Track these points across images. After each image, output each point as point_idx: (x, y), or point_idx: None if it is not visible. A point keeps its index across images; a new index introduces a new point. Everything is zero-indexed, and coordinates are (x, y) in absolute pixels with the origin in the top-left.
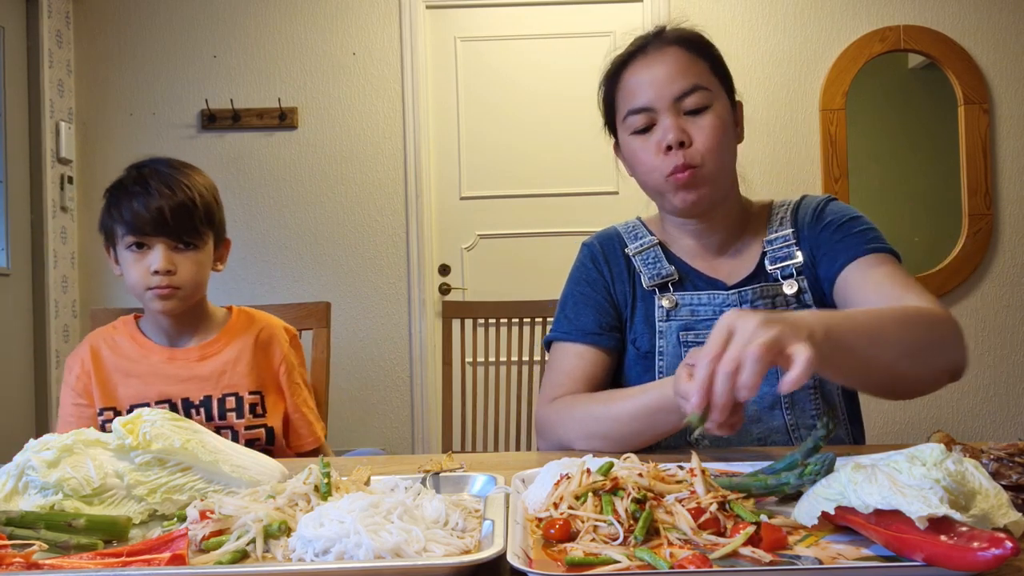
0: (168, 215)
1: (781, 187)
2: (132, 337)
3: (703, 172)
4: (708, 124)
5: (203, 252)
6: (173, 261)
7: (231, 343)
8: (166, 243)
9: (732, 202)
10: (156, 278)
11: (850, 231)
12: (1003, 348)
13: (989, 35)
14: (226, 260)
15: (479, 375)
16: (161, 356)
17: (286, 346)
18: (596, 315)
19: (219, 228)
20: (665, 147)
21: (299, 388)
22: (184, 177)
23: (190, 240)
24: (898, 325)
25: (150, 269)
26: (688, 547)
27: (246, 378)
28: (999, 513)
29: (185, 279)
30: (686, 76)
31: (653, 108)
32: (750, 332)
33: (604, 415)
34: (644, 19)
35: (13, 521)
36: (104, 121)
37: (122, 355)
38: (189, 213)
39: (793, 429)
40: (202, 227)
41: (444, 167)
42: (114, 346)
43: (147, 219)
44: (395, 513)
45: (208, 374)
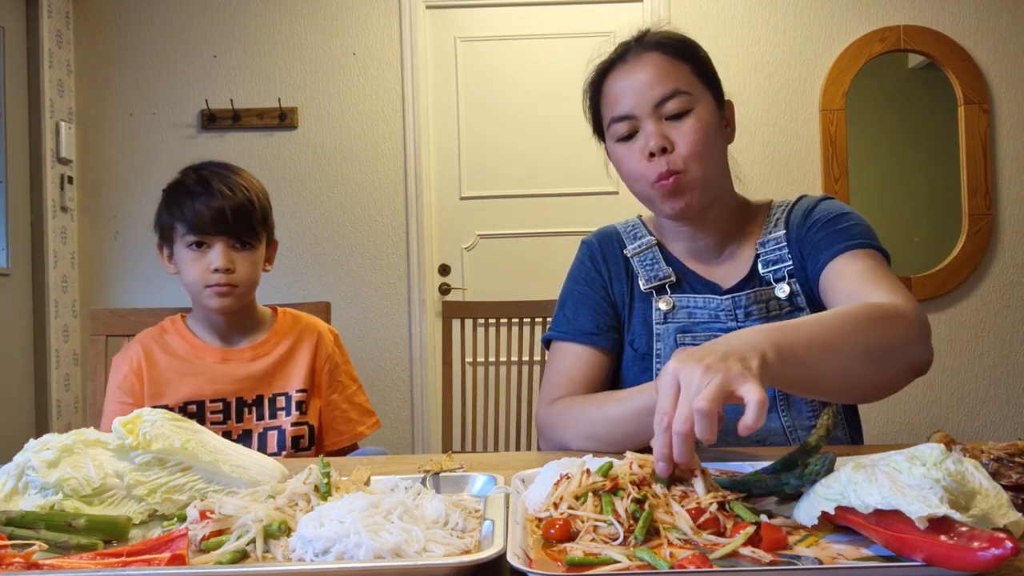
0: (229, 215)
1: (781, 187)
2: (184, 337)
3: (687, 177)
4: (689, 128)
5: (258, 252)
6: (232, 260)
7: (280, 343)
8: (226, 242)
9: (725, 203)
10: (216, 276)
11: (834, 228)
12: (1003, 348)
13: (989, 35)
14: (274, 261)
15: (479, 375)
16: (215, 356)
17: (330, 346)
18: (594, 315)
19: (271, 229)
20: (647, 154)
21: (343, 385)
22: (242, 179)
23: (248, 240)
24: (853, 328)
25: (210, 267)
26: (688, 547)
27: (294, 377)
28: (999, 513)
29: (242, 278)
30: (665, 81)
31: (635, 115)
32: (696, 384)
33: (599, 417)
34: (644, 19)
35: (13, 521)
36: (104, 121)
37: (175, 355)
38: (248, 213)
39: (790, 431)
40: (259, 227)
41: (444, 167)
42: (167, 346)
43: (208, 218)
44: (395, 513)
45: (261, 374)
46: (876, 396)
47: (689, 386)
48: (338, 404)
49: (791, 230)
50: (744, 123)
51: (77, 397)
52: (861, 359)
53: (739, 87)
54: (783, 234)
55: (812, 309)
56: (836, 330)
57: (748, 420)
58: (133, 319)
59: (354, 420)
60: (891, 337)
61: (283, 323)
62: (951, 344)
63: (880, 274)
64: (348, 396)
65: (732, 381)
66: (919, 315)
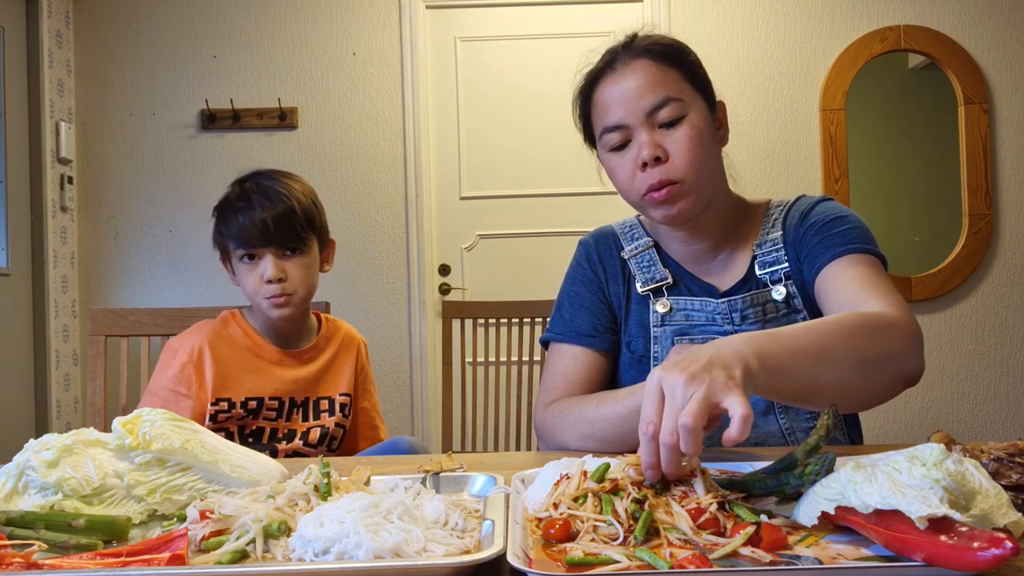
0: (271, 225)
1: (781, 187)
2: (246, 333)
3: (683, 188)
4: (683, 136)
5: (310, 256)
6: (283, 268)
7: (326, 349)
8: (274, 252)
9: (721, 205)
10: (270, 287)
11: (830, 231)
12: (1003, 348)
13: (989, 35)
14: (332, 260)
15: (479, 375)
16: (273, 356)
17: (364, 355)
18: (591, 316)
19: (322, 230)
20: (641, 164)
21: (370, 394)
22: (282, 187)
23: (295, 246)
24: (843, 338)
25: (263, 278)
26: (688, 547)
27: (338, 382)
28: (999, 513)
29: (296, 284)
30: (656, 89)
31: (626, 125)
32: (680, 396)
33: (595, 417)
34: (644, 19)
35: (13, 521)
36: (104, 121)
37: (238, 350)
38: (290, 221)
39: (788, 433)
40: (304, 232)
41: (444, 167)
42: (230, 340)
43: (253, 232)
44: (395, 513)
45: (311, 377)
46: (865, 406)
47: (673, 397)
48: (368, 411)
49: (788, 231)
50: (744, 123)
51: (77, 397)
52: (850, 369)
53: (739, 87)
54: (780, 235)
55: (809, 311)
56: (825, 339)
57: (733, 434)
58: (133, 319)
59: (378, 426)
60: (882, 347)
61: (328, 330)
62: (951, 344)
63: (875, 281)
64: (374, 403)
65: (716, 393)
66: (912, 325)
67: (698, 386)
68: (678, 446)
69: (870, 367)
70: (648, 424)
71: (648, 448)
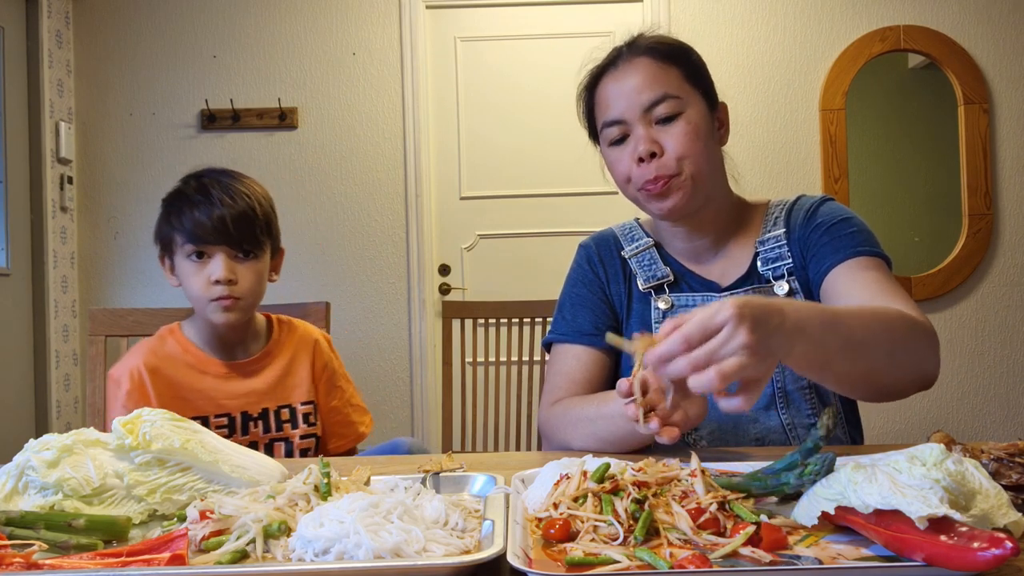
0: (230, 224)
1: (781, 187)
2: (185, 349)
3: (679, 180)
4: (679, 131)
5: (262, 262)
6: (234, 271)
7: (280, 354)
8: (227, 252)
9: (719, 204)
10: (218, 288)
11: (839, 233)
12: (1003, 348)
13: (989, 35)
14: (280, 270)
15: (479, 375)
16: (219, 370)
17: (327, 352)
18: (593, 316)
19: (276, 237)
20: (637, 158)
21: (341, 390)
22: (244, 186)
23: (250, 249)
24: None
25: (211, 279)
26: (688, 547)
27: (297, 389)
28: (999, 513)
29: (246, 289)
30: (654, 86)
31: (625, 120)
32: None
33: (597, 415)
34: (644, 19)
35: (13, 521)
36: (104, 121)
37: (177, 369)
38: (250, 222)
39: (790, 428)
40: (261, 236)
41: (444, 167)
42: (171, 360)
43: (209, 228)
44: (395, 513)
45: (264, 387)
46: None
47: (724, 345)
48: (340, 409)
49: (792, 229)
50: (744, 123)
51: (77, 397)
52: (884, 362)
53: (739, 87)
54: (783, 232)
55: None
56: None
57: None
58: (132, 319)
59: (355, 422)
60: (913, 347)
61: (280, 333)
62: (951, 344)
63: (891, 285)
64: (347, 399)
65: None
66: (933, 329)
67: (748, 357)
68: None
69: (900, 363)
70: (684, 341)
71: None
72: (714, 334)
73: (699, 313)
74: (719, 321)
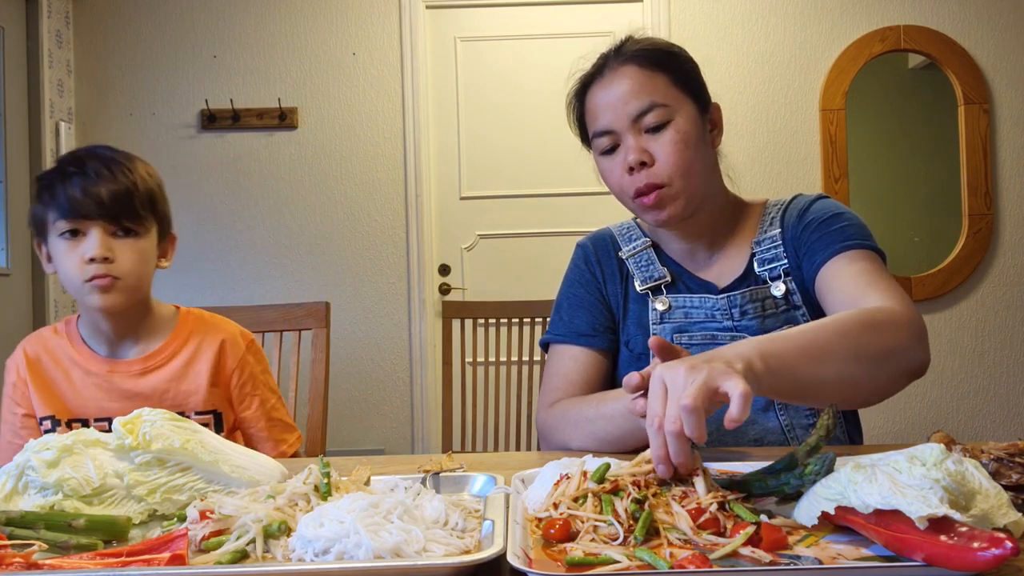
0: (105, 197)
1: (781, 187)
2: (72, 343)
3: (671, 191)
4: (668, 140)
5: (145, 240)
6: (111, 248)
7: (176, 355)
8: (103, 227)
9: (714, 205)
10: (93, 267)
11: (829, 229)
12: (1003, 348)
13: (989, 35)
14: (171, 257)
15: (479, 375)
16: (100, 368)
17: (240, 354)
18: (590, 317)
19: (163, 219)
20: (628, 168)
21: (257, 400)
22: (126, 161)
23: (130, 226)
24: (845, 335)
25: (85, 257)
26: (688, 547)
27: (193, 396)
28: (999, 513)
29: (125, 269)
30: (641, 95)
31: (614, 130)
32: (680, 385)
33: (596, 415)
34: (644, 19)
35: (13, 521)
36: (104, 121)
37: (60, 364)
38: (129, 196)
39: (788, 429)
40: (143, 212)
41: (444, 167)
42: (52, 353)
43: (83, 201)
44: (395, 513)
45: (150, 391)
46: (870, 402)
47: (675, 387)
48: (253, 422)
49: (786, 229)
50: (744, 123)
51: None
52: (852, 365)
53: (739, 87)
54: (778, 233)
55: (808, 308)
56: (825, 337)
57: (733, 412)
58: None
59: (273, 439)
60: (883, 342)
61: (182, 328)
62: (951, 344)
63: (876, 276)
64: (267, 411)
65: (715, 378)
66: (914, 318)
67: (697, 374)
68: (683, 433)
69: (872, 362)
70: (654, 418)
71: (656, 441)
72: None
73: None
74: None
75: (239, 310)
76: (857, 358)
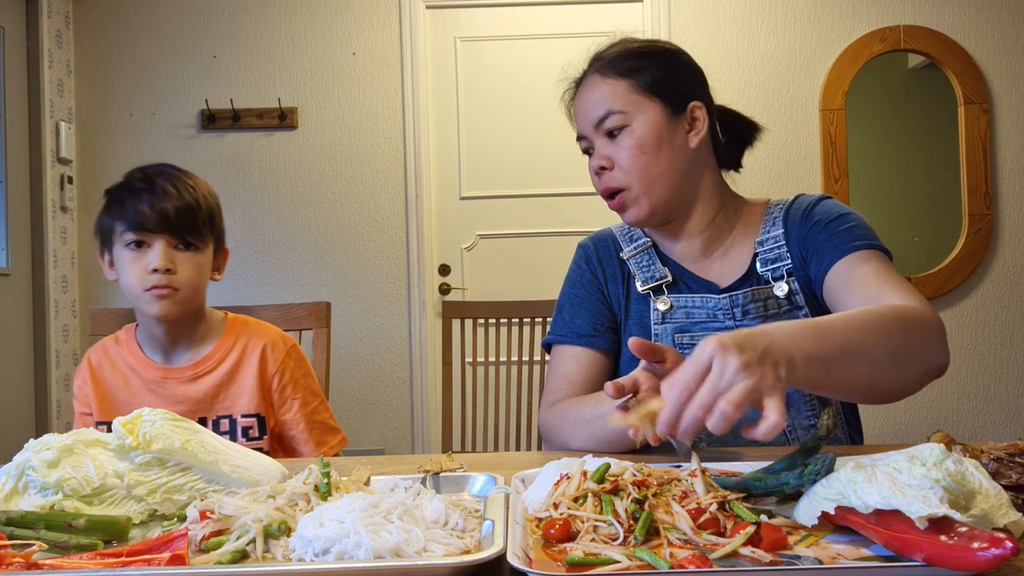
0: (172, 213)
1: (781, 187)
2: (131, 351)
3: (631, 194)
4: (625, 145)
5: (203, 255)
6: (173, 260)
7: (223, 361)
8: (167, 241)
9: (704, 204)
10: (154, 277)
11: (837, 229)
12: (1003, 348)
13: (989, 35)
14: (224, 270)
15: (479, 375)
16: (155, 375)
17: (281, 358)
18: (591, 317)
19: (220, 235)
20: (595, 172)
21: (300, 403)
22: (189, 179)
23: (191, 240)
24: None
25: (148, 268)
26: (688, 547)
27: (240, 399)
28: (999, 513)
29: (184, 280)
30: (601, 103)
31: (586, 135)
32: (728, 378)
33: (593, 416)
34: (644, 19)
35: (13, 521)
36: (104, 121)
37: (118, 371)
38: (192, 212)
39: (789, 430)
40: (203, 228)
41: (444, 167)
42: (113, 361)
43: (150, 216)
44: (395, 513)
45: (202, 396)
46: (892, 399)
47: (721, 376)
48: (293, 424)
49: (790, 229)
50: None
51: None
52: (886, 366)
53: (739, 87)
54: (782, 233)
55: (810, 308)
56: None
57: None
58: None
59: (314, 442)
60: (915, 343)
61: (229, 335)
62: (951, 344)
63: (891, 276)
64: (308, 414)
65: (764, 391)
66: (937, 318)
67: (749, 377)
68: (703, 421)
69: (904, 362)
70: (684, 390)
71: (673, 411)
72: (707, 373)
73: (687, 363)
74: (706, 358)
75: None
76: (892, 358)
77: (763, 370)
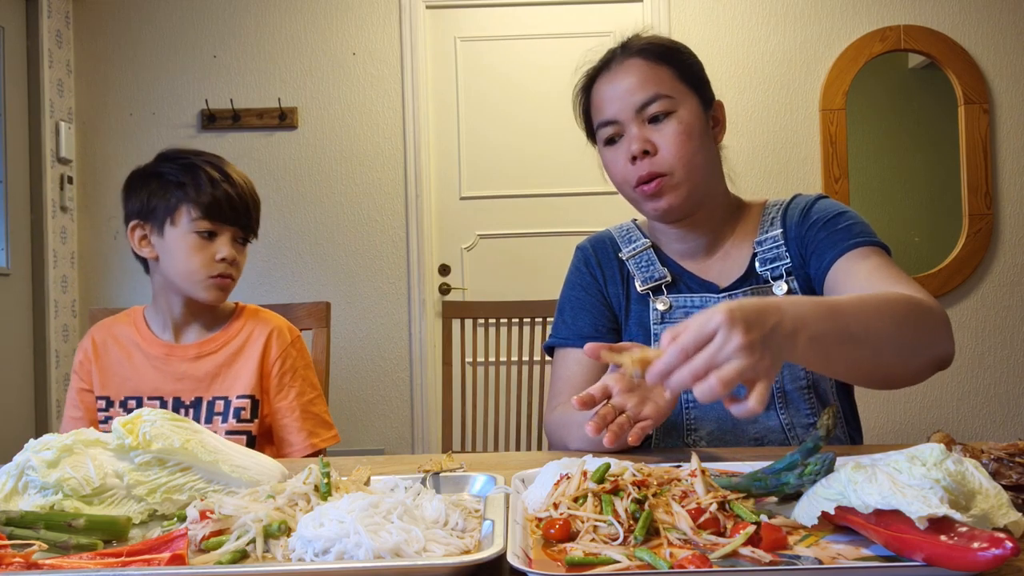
0: (251, 208)
1: (781, 187)
2: (136, 328)
3: (672, 180)
4: (671, 131)
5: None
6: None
7: (230, 343)
8: (234, 233)
9: (714, 203)
10: (221, 266)
11: (835, 227)
12: (1003, 348)
13: (989, 35)
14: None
15: (479, 375)
16: (160, 351)
17: (285, 346)
18: (592, 319)
19: None
20: (631, 157)
21: (295, 391)
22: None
23: (248, 236)
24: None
25: (215, 257)
26: (688, 547)
27: (238, 381)
28: (999, 513)
29: (238, 271)
30: (646, 86)
31: (619, 120)
32: (727, 352)
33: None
34: (644, 19)
35: (13, 521)
36: (104, 121)
37: (123, 347)
38: (256, 209)
39: (789, 428)
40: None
41: (444, 167)
42: (117, 338)
43: (226, 206)
44: (395, 513)
45: (203, 375)
46: (897, 385)
47: (720, 349)
48: (287, 412)
49: (788, 229)
50: (744, 123)
51: None
52: (892, 351)
53: (739, 87)
54: (780, 232)
55: None
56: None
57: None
58: None
59: (307, 431)
60: (923, 330)
61: (238, 320)
62: None
63: (893, 271)
64: (304, 403)
65: (758, 374)
66: (943, 310)
67: (747, 358)
68: (691, 386)
69: (911, 350)
70: (682, 353)
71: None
72: (709, 341)
73: (694, 322)
74: (712, 327)
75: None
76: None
77: (762, 353)
